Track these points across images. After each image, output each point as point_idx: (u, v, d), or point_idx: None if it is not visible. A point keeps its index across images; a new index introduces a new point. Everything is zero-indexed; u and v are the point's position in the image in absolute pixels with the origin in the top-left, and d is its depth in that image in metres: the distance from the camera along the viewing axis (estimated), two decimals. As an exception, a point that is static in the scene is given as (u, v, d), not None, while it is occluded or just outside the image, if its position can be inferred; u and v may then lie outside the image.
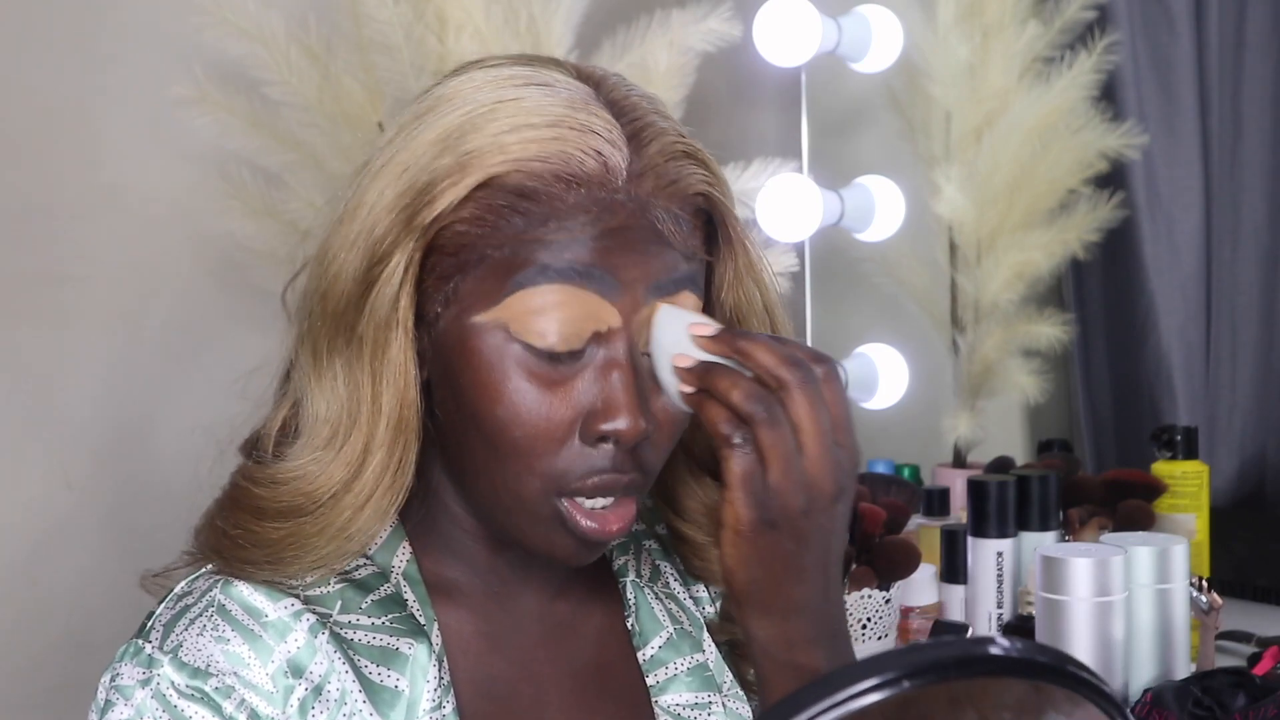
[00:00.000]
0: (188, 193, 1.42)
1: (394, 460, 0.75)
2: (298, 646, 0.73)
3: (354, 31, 1.35)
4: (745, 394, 0.71)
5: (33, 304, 1.39)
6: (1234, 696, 1.23)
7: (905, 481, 1.77)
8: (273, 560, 0.76)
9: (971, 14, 1.80)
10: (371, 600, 0.77)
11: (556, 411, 0.73)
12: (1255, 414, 1.97)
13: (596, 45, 1.39)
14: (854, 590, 1.37)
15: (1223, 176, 1.98)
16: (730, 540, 0.72)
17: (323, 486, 0.75)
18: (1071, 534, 1.55)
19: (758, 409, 0.70)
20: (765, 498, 0.71)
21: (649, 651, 0.85)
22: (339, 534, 0.75)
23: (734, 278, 0.80)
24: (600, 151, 0.73)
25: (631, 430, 0.73)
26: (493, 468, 0.75)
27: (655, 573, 0.89)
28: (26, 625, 1.37)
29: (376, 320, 0.74)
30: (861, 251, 1.84)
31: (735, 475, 0.71)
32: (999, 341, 1.85)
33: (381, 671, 0.75)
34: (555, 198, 0.73)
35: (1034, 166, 1.80)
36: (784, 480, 0.71)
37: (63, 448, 1.41)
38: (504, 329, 0.73)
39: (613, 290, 0.73)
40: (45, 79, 1.39)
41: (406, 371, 0.75)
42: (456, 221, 0.74)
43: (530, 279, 0.73)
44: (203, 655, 0.72)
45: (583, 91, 0.76)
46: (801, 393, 0.71)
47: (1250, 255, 1.96)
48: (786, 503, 0.71)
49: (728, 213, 0.79)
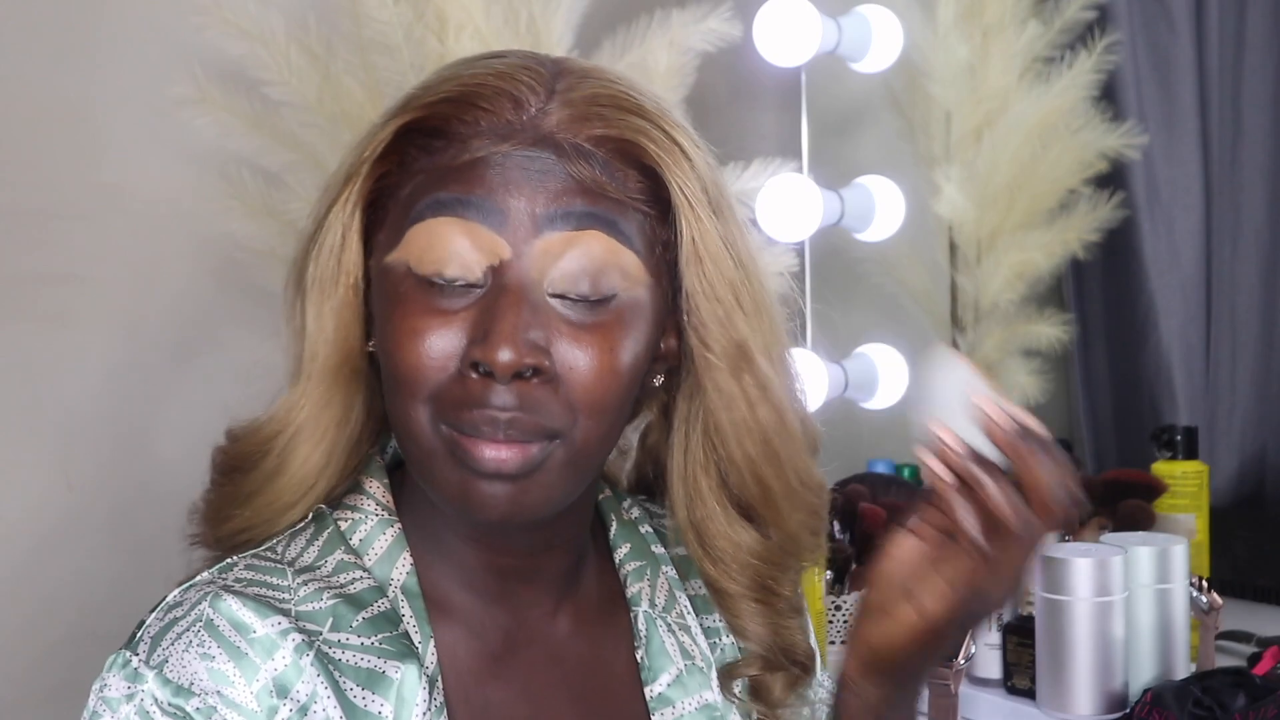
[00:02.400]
0: (188, 193, 1.42)
1: (322, 406, 0.76)
2: (284, 664, 0.72)
3: (354, 31, 1.35)
4: (1020, 516, 0.73)
5: (33, 304, 1.39)
6: (1234, 696, 1.23)
7: (905, 481, 1.76)
8: (230, 515, 0.78)
9: (971, 14, 1.80)
10: (363, 618, 0.75)
11: (444, 341, 0.72)
12: (1255, 414, 1.96)
13: (596, 45, 1.39)
14: (855, 590, 1.37)
15: (1223, 176, 1.97)
16: (915, 625, 0.76)
17: (266, 434, 0.77)
18: (1071, 534, 1.55)
19: (1024, 530, 0.73)
20: (976, 600, 0.75)
21: (657, 689, 0.83)
22: (269, 480, 0.77)
23: (690, 254, 0.76)
24: (513, 92, 0.73)
25: (506, 362, 0.70)
26: (396, 408, 0.74)
27: (670, 601, 0.86)
28: (27, 625, 1.37)
29: (321, 272, 0.76)
30: (861, 251, 1.84)
31: (960, 577, 0.75)
32: (999, 341, 1.85)
33: (366, 695, 0.73)
34: (455, 131, 0.73)
35: (1034, 166, 1.80)
36: (999, 591, 0.74)
37: (63, 448, 1.40)
38: (406, 266, 0.73)
39: (497, 219, 0.72)
40: (45, 79, 1.39)
41: (347, 324, 0.76)
42: (385, 173, 0.75)
43: (421, 213, 0.73)
44: (187, 672, 0.71)
45: (533, 58, 0.76)
46: (1049, 525, 0.74)
47: (1250, 255, 1.96)
48: (987, 608, 0.75)
49: (675, 176, 0.75)
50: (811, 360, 1.64)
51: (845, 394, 1.70)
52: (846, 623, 1.36)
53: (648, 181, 0.75)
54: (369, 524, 0.79)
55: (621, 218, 0.74)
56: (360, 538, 0.79)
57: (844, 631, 1.36)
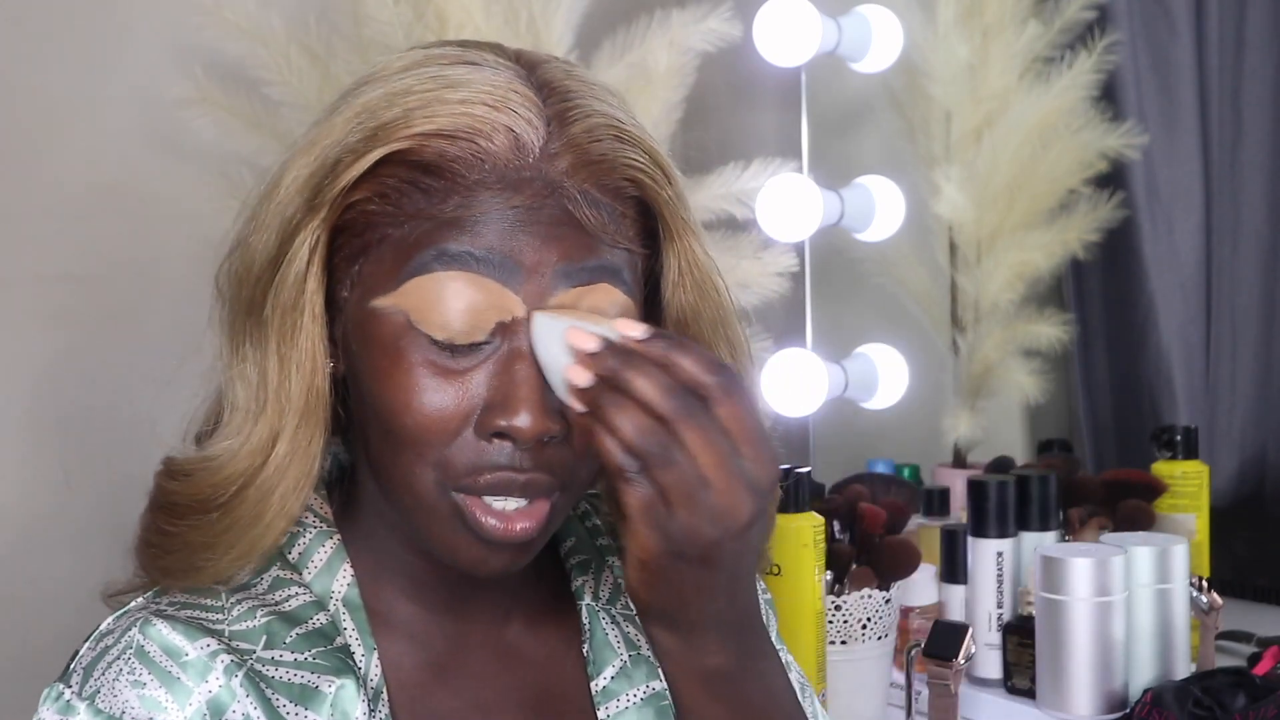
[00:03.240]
0: (188, 193, 1.42)
1: (299, 451, 0.72)
2: (218, 686, 0.70)
3: (354, 31, 1.35)
4: (637, 429, 0.63)
5: (33, 304, 1.39)
6: (1234, 696, 1.23)
7: (905, 481, 1.77)
8: (187, 567, 0.74)
9: (971, 14, 1.80)
10: (297, 634, 0.74)
11: (452, 403, 0.69)
12: (1255, 414, 1.97)
13: (596, 45, 1.39)
14: (854, 590, 1.37)
15: (1223, 176, 1.97)
16: (635, 566, 0.66)
17: (230, 476, 0.73)
18: (1071, 534, 1.55)
19: (651, 447, 0.63)
20: (671, 529, 0.64)
21: (601, 682, 0.81)
22: (247, 529, 0.73)
23: (678, 279, 0.75)
24: (512, 128, 0.69)
25: (530, 429, 0.68)
26: (389, 460, 0.72)
27: (615, 592, 0.85)
28: (26, 625, 1.37)
29: (283, 303, 0.72)
30: (861, 251, 1.84)
31: (635, 509, 0.64)
32: (999, 341, 1.85)
33: (299, 711, 0.71)
34: (458, 174, 0.69)
35: (1034, 166, 1.80)
36: (691, 517, 0.64)
37: (62, 448, 1.40)
38: (404, 316, 0.70)
39: (514, 277, 0.69)
40: (45, 79, 1.39)
41: (314, 357, 0.72)
42: (362, 200, 0.71)
43: (426, 265, 0.69)
44: (118, 702, 0.69)
45: (510, 71, 0.72)
46: (691, 426, 0.63)
47: (1250, 255, 1.96)
48: (695, 537, 0.64)
49: (667, 205, 0.74)
50: (811, 360, 1.64)
51: (845, 394, 1.70)
52: (845, 622, 1.36)
53: (643, 220, 0.74)
54: (307, 536, 0.78)
55: (624, 265, 0.73)
56: (299, 551, 0.77)
57: (843, 631, 1.36)
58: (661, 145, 0.76)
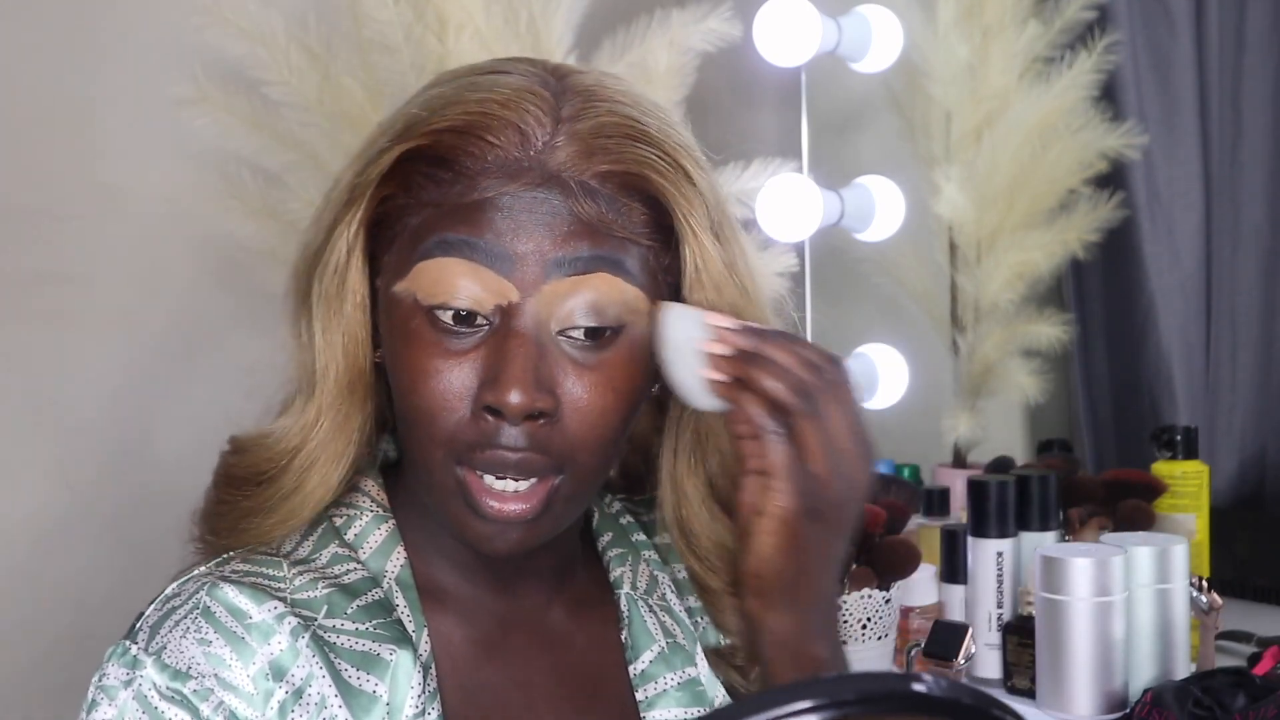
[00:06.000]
0: (188, 193, 1.42)
1: (339, 426, 0.77)
2: (280, 649, 0.73)
3: (354, 31, 1.35)
4: (790, 386, 0.72)
5: (33, 304, 1.39)
6: (1234, 696, 1.23)
7: (905, 481, 1.77)
8: (233, 528, 0.79)
9: (971, 14, 1.80)
10: (358, 605, 0.77)
11: (455, 380, 0.73)
12: (1255, 414, 1.97)
13: (596, 45, 1.39)
14: (854, 590, 1.37)
15: (1223, 176, 1.97)
16: (772, 529, 0.73)
17: (284, 451, 0.78)
18: (1071, 534, 1.55)
19: (801, 401, 0.72)
20: (810, 486, 0.72)
21: (640, 666, 0.85)
22: (289, 497, 0.77)
23: (695, 276, 0.77)
24: (519, 124, 0.73)
25: (518, 404, 0.72)
26: (411, 440, 0.77)
27: (652, 584, 0.89)
28: (27, 626, 1.37)
29: (326, 291, 0.77)
30: (861, 251, 1.84)
31: (779, 464, 0.72)
32: (999, 341, 1.85)
33: (361, 676, 0.75)
34: (464, 165, 0.74)
35: (1034, 166, 1.80)
36: (828, 472, 0.72)
37: (63, 448, 1.41)
38: (414, 298, 0.74)
39: (505, 263, 0.73)
40: (45, 79, 1.39)
41: (356, 341, 0.77)
42: (391, 195, 0.75)
43: (429, 251, 0.74)
44: (185, 657, 0.72)
45: (535, 78, 0.76)
46: (833, 390, 0.73)
47: (1250, 255, 1.96)
48: (830, 494, 0.72)
49: (679, 204, 0.76)
50: (811, 360, 1.64)
51: (845, 394, 1.70)
52: (845, 622, 1.36)
53: (651, 212, 0.76)
54: (364, 520, 0.81)
55: (626, 255, 0.75)
56: (355, 533, 0.81)
57: (843, 631, 1.36)
58: (695, 151, 0.78)
